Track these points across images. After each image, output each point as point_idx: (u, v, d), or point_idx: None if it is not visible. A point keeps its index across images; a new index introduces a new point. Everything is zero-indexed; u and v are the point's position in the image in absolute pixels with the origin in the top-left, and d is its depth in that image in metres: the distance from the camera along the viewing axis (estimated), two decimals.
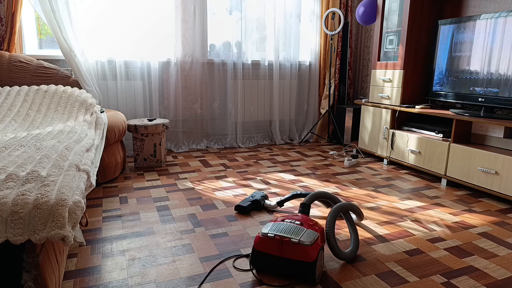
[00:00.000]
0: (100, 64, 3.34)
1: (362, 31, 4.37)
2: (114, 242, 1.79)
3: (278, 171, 3.03)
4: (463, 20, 2.73)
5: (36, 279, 1.13)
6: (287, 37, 3.99)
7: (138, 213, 2.14)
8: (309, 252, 1.42)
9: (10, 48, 2.93)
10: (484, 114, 2.59)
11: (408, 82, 3.16)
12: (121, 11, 3.31)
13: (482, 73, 2.61)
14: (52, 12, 2.90)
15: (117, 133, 2.66)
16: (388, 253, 1.71)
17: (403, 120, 3.26)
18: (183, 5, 3.47)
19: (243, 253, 1.70)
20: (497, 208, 2.30)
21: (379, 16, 3.35)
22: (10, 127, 2.12)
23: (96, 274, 1.52)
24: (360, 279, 1.50)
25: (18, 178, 1.22)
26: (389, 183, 2.77)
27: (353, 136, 3.98)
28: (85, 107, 2.48)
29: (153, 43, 3.46)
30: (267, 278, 1.50)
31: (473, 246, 1.80)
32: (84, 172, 1.45)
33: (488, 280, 1.51)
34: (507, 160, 2.29)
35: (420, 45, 3.13)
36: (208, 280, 1.49)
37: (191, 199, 2.37)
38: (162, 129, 3.06)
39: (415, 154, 2.98)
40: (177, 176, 2.84)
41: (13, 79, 2.75)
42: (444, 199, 2.44)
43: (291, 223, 1.55)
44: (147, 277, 1.50)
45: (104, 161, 2.58)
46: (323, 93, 4.23)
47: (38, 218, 1.09)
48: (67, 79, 2.94)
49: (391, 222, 2.07)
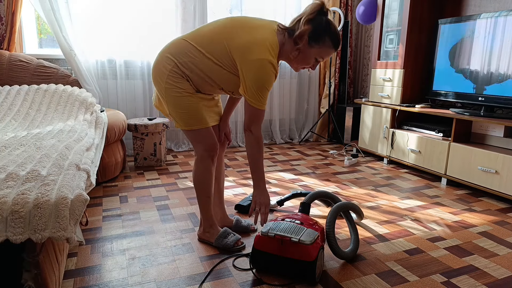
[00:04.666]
0: (100, 63, 3.34)
1: (362, 30, 4.37)
2: (114, 241, 1.79)
3: (278, 170, 3.03)
4: (463, 19, 2.73)
5: (36, 278, 1.13)
6: None
7: (138, 212, 2.14)
8: (309, 252, 1.42)
9: (10, 47, 2.93)
10: (484, 113, 2.58)
11: (408, 81, 3.16)
12: (121, 10, 3.31)
13: (482, 72, 2.61)
14: (52, 11, 2.90)
15: (117, 132, 2.66)
16: (388, 253, 1.72)
17: (403, 119, 3.26)
18: (183, 5, 3.47)
19: (243, 252, 1.70)
20: (497, 208, 2.30)
21: (379, 15, 3.35)
22: (10, 126, 2.12)
23: (96, 273, 1.52)
24: (360, 279, 1.50)
25: (18, 177, 1.22)
26: (389, 182, 2.77)
27: (353, 135, 3.98)
28: (85, 106, 2.48)
29: (153, 42, 3.46)
30: (267, 278, 1.50)
31: (473, 246, 1.80)
32: (84, 171, 1.45)
33: (488, 280, 1.51)
34: (507, 159, 2.29)
35: (420, 44, 3.13)
36: (208, 279, 1.49)
37: (191, 198, 2.37)
38: (162, 128, 3.06)
39: (415, 153, 2.98)
40: (177, 175, 2.84)
41: (13, 78, 2.75)
42: (444, 199, 2.44)
43: (291, 222, 1.55)
44: (147, 277, 1.50)
45: (104, 160, 2.58)
46: (323, 92, 4.23)
47: (38, 218, 1.09)
48: (67, 78, 2.94)
49: (391, 221, 2.07)
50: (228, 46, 1.44)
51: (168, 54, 1.52)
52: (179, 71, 1.51)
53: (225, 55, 1.46)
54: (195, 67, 1.49)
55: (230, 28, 1.47)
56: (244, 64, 1.41)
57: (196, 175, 1.68)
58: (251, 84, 1.41)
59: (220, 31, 1.48)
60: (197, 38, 1.50)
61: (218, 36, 1.47)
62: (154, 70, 1.57)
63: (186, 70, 1.51)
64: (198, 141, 1.61)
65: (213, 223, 1.75)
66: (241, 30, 1.45)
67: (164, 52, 1.55)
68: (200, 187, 1.69)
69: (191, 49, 1.49)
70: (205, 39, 1.48)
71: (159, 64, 1.54)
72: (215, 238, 1.72)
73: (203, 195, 1.69)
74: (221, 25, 1.50)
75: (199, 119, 1.56)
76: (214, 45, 1.46)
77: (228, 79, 1.51)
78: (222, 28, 1.49)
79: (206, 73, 1.50)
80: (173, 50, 1.52)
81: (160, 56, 1.56)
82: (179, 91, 1.52)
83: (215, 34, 1.48)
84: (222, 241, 1.71)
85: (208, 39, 1.48)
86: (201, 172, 1.67)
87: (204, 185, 1.67)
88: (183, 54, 1.50)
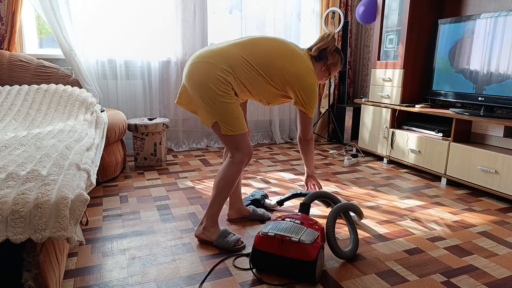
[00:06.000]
0: (100, 63, 3.34)
1: (362, 30, 4.37)
2: (115, 241, 1.79)
3: (278, 170, 3.04)
4: (463, 19, 2.73)
5: (36, 278, 1.14)
6: (287, 36, 3.99)
7: (138, 212, 2.14)
8: (309, 251, 1.42)
9: (11, 47, 2.93)
10: (484, 113, 2.59)
11: (408, 81, 3.16)
12: (121, 10, 3.31)
13: (482, 72, 2.61)
14: (52, 11, 2.90)
15: (117, 132, 2.66)
16: (388, 252, 1.72)
17: (403, 119, 3.27)
18: (183, 4, 3.47)
19: (243, 252, 1.71)
20: (497, 207, 2.30)
21: (379, 15, 3.35)
22: (10, 126, 2.12)
23: (96, 273, 1.52)
24: (360, 278, 1.51)
25: (18, 177, 1.22)
26: (389, 182, 2.77)
27: (353, 135, 3.98)
28: (86, 106, 2.48)
29: (153, 42, 3.46)
30: (267, 277, 1.51)
31: (473, 245, 1.80)
32: (85, 171, 1.45)
33: (488, 279, 1.51)
34: (507, 159, 2.30)
35: (420, 44, 3.13)
36: (208, 279, 1.49)
37: (191, 198, 2.37)
38: (163, 128, 3.06)
39: (415, 153, 2.98)
40: (177, 175, 2.85)
41: (13, 78, 2.76)
42: (444, 198, 2.44)
43: (291, 222, 1.55)
44: (147, 276, 1.50)
45: (105, 160, 2.58)
46: (323, 92, 4.23)
47: (38, 217, 1.09)
48: (67, 78, 2.94)
49: (391, 221, 2.07)
50: (286, 73, 1.72)
51: (225, 66, 1.66)
52: (233, 81, 1.67)
53: (280, 78, 1.72)
54: (247, 81, 1.70)
55: (283, 56, 1.73)
56: (303, 88, 1.75)
57: (227, 176, 1.74)
58: (309, 101, 1.79)
59: (275, 56, 1.71)
60: (253, 57, 1.70)
61: (275, 61, 1.71)
62: (204, 76, 1.65)
63: (238, 82, 1.68)
64: (242, 145, 1.72)
65: (216, 223, 1.77)
66: (294, 58, 1.74)
67: (218, 62, 1.66)
68: (225, 188, 1.74)
69: (247, 66, 1.69)
70: (262, 60, 1.70)
71: (212, 72, 1.64)
72: (216, 238, 1.73)
73: (225, 195, 1.76)
74: (273, 48, 1.73)
75: (243, 125, 1.71)
76: (272, 70, 1.71)
77: (271, 93, 1.78)
78: (276, 52, 1.72)
79: (254, 87, 1.73)
80: (232, 63, 1.67)
81: (211, 65, 1.65)
82: (231, 99, 1.66)
83: (272, 59, 1.71)
84: (222, 240, 1.72)
85: (265, 61, 1.70)
86: (233, 174, 1.74)
87: (230, 186, 1.75)
88: (239, 68, 1.67)
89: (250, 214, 2.04)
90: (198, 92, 1.66)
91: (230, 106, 1.66)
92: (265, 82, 1.72)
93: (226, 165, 1.74)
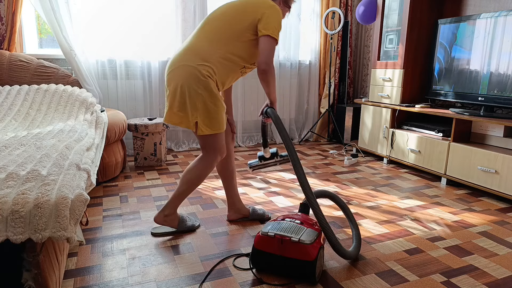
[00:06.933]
0: (100, 63, 3.34)
1: (362, 30, 4.37)
2: (115, 241, 1.79)
3: (278, 170, 3.04)
4: (463, 19, 2.73)
5: (36, 278, 1.14)
6: (287, 36, 3.99)
7: (138, 212, 2.14)
8: (309, 251, 1.42)
9: (11, 47, 2.93)
10: (484, 113, 2.59)
11: (408, 81, 3.16)
12: (122, 10, 3.31)
13: (482, 72, 2.61)
14: (52, 11, 2.90)
15: (117, 132, 2.66)
16: (388, 252, 1.72)
17: (403, 119, 3.27)
18: (183, 4, 3.47)
19: (243, 252, 1.71)
20: (497, 207, 2.30)
21: (379, 15, 3.35)
22: (10, 126, 2.12)
23: (96, 273, 1.52)
24: (360, 278, 1.51)
25: (18, 177, 1.22)
26: (389, 182, 2.77)
27: (353, 135, 3.98)
28: (86, 106, 2.48)
29: (153, 42, 3.46)
30: (267, 277, 1.51)
31: (473, 245, 1.80)
32: (85, 171, 1.46)
33: (488, 279, 1.51)
34: (507, 159, 2.30)
35: (420, 44, 3.13)
36: (208, 279, 1.49)
37: (191, 198, 2.37)
38: (163, 128, 3.06)
39: (415, 153, 2.98)
40: (177, 175, 2.85)
41: (13, 78, 2.76)
42: (444, 198, 2.44)
43: (291, 222, 1.55)
44: (147, 276, 1.50)
45: (105, 160, 2.58)
46: (323, 92, 4.23)
47: (38, 217, 1.09)
48: (67, 78, 2.94)
49: (391, 221, 2.07)
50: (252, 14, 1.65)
51: (200, 61, 1.62)
52: (212, 72, 1.63)
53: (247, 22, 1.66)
54: (225, 56, 1.65)
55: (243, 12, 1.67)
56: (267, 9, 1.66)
57: (199, 171, 1.77)
58: (273, 20, 1.65)
59: (230, 14, 1.67)
60: (213, 34, 1.66)
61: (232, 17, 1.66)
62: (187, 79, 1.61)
63: (217, 67, 1.64)
64: (216, 144, 1.73)
65: (176, 210, 1.85)
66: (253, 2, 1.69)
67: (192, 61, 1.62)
68: (195, 183, 1.80)
69: (217, 48, 1.64)
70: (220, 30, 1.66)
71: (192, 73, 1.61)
72: (178, 224, 1.87)
73: (193, 189, 1.81)
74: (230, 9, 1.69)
75: (223, 123, 1.70)
76: (238, 25, 1.65)
77: (252, 48, 1.70)
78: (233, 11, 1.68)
79: (235, 54, 1.67)
80: (203, 55, 1.63)
81: (187, 67, 1.62)
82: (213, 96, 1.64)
83: (230, 19, 1.66)
84: (185, 224, 1.89)
85: (224, 27, 1.66)
86: (204, 169, 1.78)
87: (200, 181, 1.81)
88: (210, 54, 1.63)
89: (250, 214, 2.05)
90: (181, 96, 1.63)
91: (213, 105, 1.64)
92: (240, 42, 1.67)
93: (199, 161, 1.78)
